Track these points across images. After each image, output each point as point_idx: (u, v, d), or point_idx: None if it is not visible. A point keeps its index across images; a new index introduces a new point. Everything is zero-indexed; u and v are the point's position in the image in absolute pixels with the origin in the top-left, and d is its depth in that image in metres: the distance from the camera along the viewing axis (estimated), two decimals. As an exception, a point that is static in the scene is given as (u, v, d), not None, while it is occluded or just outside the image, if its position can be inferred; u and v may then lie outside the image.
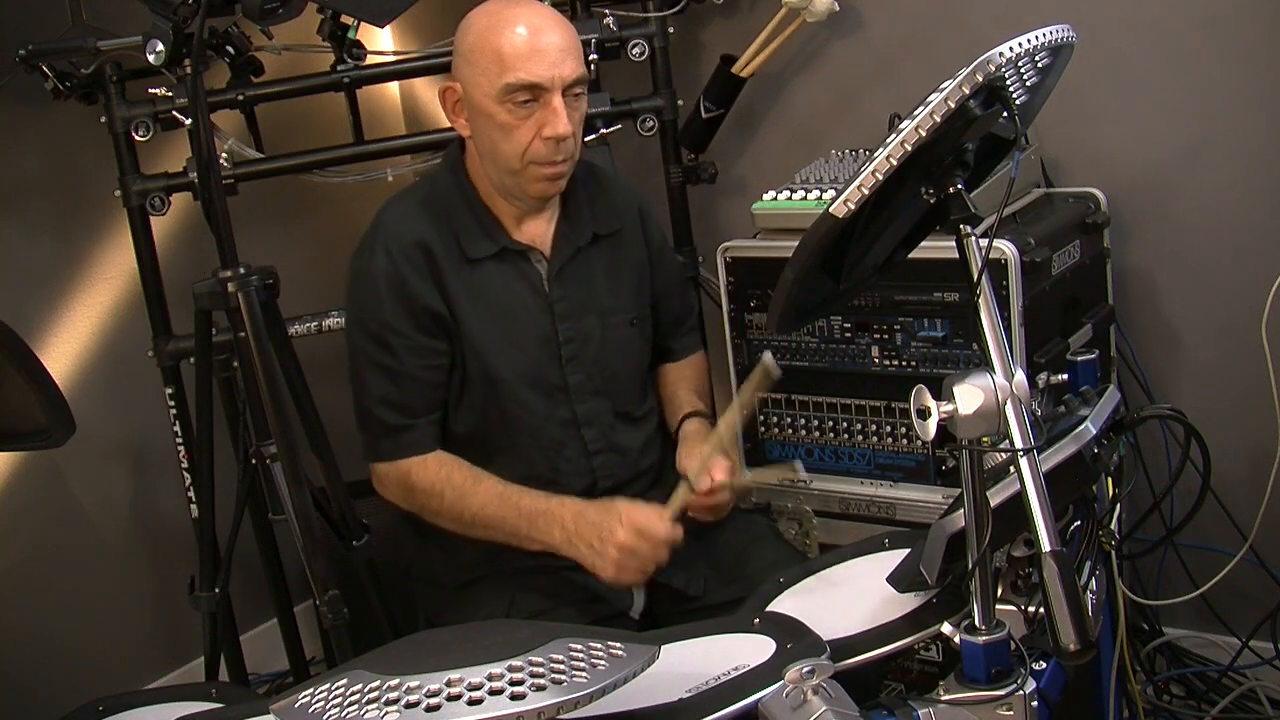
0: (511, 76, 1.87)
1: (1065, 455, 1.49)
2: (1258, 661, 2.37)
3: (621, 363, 2.08)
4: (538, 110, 1.89)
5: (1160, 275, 2.43)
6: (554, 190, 1.98)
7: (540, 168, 1.92)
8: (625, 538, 1.82)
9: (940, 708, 1.33)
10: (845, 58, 2.68)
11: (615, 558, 1.83)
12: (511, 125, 1.90)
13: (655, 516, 1.84)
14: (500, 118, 1.90)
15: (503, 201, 2.01)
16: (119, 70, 2.43)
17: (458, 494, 1.97)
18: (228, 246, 2.02)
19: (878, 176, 1.26)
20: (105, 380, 2.73)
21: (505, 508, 1.94)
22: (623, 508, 1.86)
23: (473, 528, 1.97)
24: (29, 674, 2.58)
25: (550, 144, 1.90)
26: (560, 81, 1.88)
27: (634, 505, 1.87)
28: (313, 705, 1.14)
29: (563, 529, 1.90)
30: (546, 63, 1.87)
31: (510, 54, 1.87)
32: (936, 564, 1.42)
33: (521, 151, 1.91)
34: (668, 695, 1.32)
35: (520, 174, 1.93)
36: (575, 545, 1.88)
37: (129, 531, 2.80)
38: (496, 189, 2.00)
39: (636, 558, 1.84)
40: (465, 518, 1.97)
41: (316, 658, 2.67)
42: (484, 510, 1.95)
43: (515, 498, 1.94)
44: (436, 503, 1.99)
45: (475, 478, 1.97)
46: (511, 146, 1.91)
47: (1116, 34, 2.35)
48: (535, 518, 1.92)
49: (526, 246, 2.01)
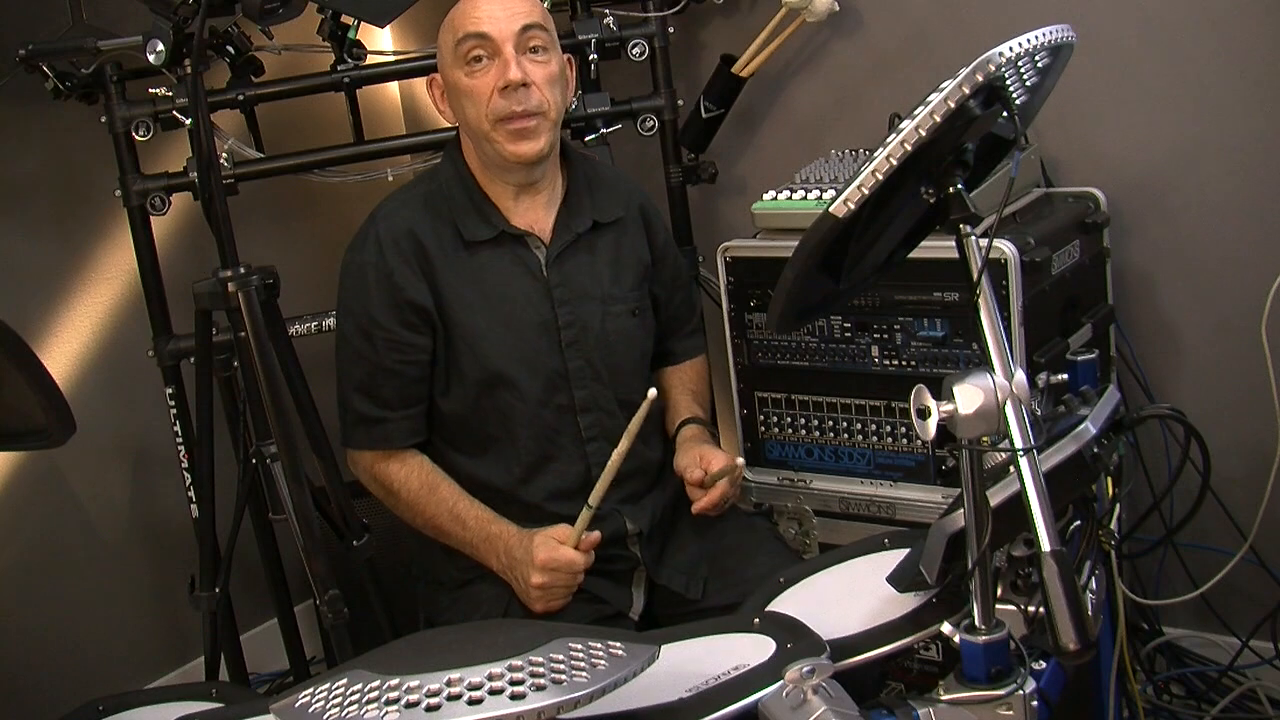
0: (460, 31, 1.93)
1: (1065, 455, 1.49)
2: (1258, 661, 2.37)
3: (623, 351, 2.08)
4: (493, 66, 1.92)
5: (1160, 275, 2.43)
6: (529, 149, 1.94)
7: (505, 124, 1.93)
8: (538, 579, 1.89)
9: (940, 707, 1.33)
10: (845, 58, 2.68)
11: (536, 595, 1.91)
12: (473, 88, 1.93)
13: (563, 549, 1.89)
14: (463, 83, 1.94)
15: (497, 183, 2.02)
16: (119, 70, 2.43)
17: (412, 498, 2.03)
18: (228, 246, 2.02)
19: (878, 176, 1.26)
20: (105, 380, 2.72)
21: (454, 523, 2.01)
22: (536, 550, 1.90)
23: (425, 530, 2.04)
24: (29, 674, 2.58)
25: (508, 95, 1.91)
26: (510, 33, 1.92)
27: (543, 541, 1.91)
28: (313, 705, 1.14)
29: (499, 560, 1.97)
30: (492, 17, 1.92)
31: (460, 14, 1.95)
32: (936, 564, 1.42)
33: (484, 111, 1.93)
34: (668, 695, 1.32)
35: (491, 136, 1.95)
36: (510, 575, 1.96)
37: (129, 531, 2.80)
38: (486, 167, 2.02)
39: (555, 589, 1.91)
40: (418, 521, 2.04)
41: (316, 658, 2.67)
42: (435, 520, 2.02)
43: (464, 516, 2.00)
44: (393, 501, 2.06)
45: (431, 486, 2.02)
46: (476, 109, 1.94)
47: (1116, 34, 2.35)
48: (478, 543, 1.99)
49: (525, 232, 2.02)
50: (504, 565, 1.96)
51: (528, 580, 1.90)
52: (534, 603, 1.91)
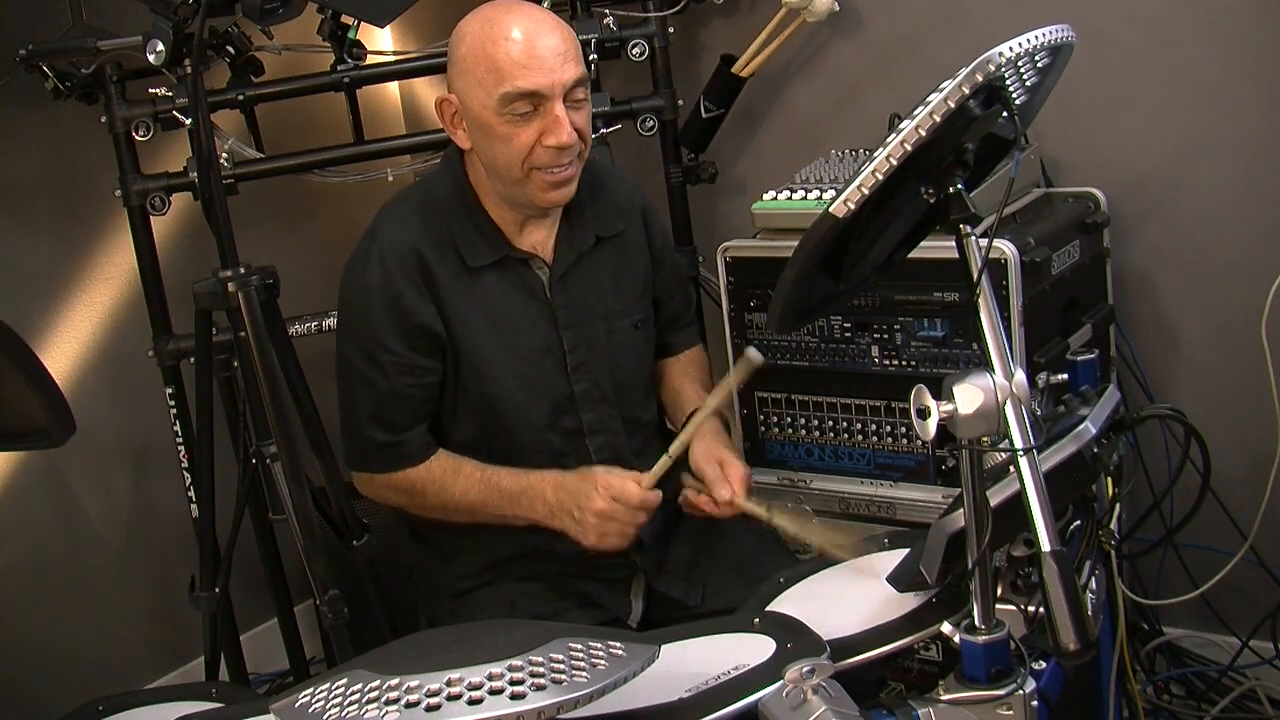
0: (509, 86, 1.81)
1: (1065, 455, 1.49)
2: (1258, 661, 2.37)
3: (627, 367, 2.07)
4: (537, 119, 1.84)
5: (1160, 275, 2.43)
6: (562, 198, 1.92)
7: (544, 174, 1.87)
8: (602, 504, 1.85)
9: (940, 707, 1.33)
10: (845, 58, 2.68)
11: (594, 524, 1.86)
12: (512, 135, 1.84)
13: (630, 481, 1.87)
14: (500, 129, 1.84)
15: (505, 209, 1.96)
16: (119, 70, 2.43)
17: (439, 486, 1.97)
18: (228, 246, 2.02)
19: (878, 176, 1.27)
20: (105, 380, 2.73)
21: (487, 491, 1.95)
22: (599, 475, 1.88)
23: (456, 515, 1.98)
24: (29, 674, 2.58)
25: (552, 152, 1.85)
26: (560, 88, 1.83)
27: (611, 472, 1.89)
28: (313, 705, 1.14)
29: (544, 503, 1.91)
30: (545, 69, 1.81)
31: (505, 63, 1.81)
32: (936, 564, 1.42)
33: (522, 159, 1.85)
34: (668, 695, 1.32)
35: (524, 182, 1.88)
36: (558, 516, 1.90)
37: (129, 531, 2.80)
38: (501, 198, 1.95)
39: (615, 522, 1.87)
40: (449, 507, 1.98)
41: (316, 658, 2.67)
42: (466, 497, 1.96)
43: (495, 479, 1.95)
44: (419, 500, 2.00)
45: (453, 469, 1.97)
46: (512, 155, 1.85)
47: (1116, 34, 2.35)
48: (518, 496, 1.93)
49: (528, 254, 1.97)
50: (551, 505, 1.90)
51: (588, 506, 1.85)
52: (589, 532, 1.86)
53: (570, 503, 1.89)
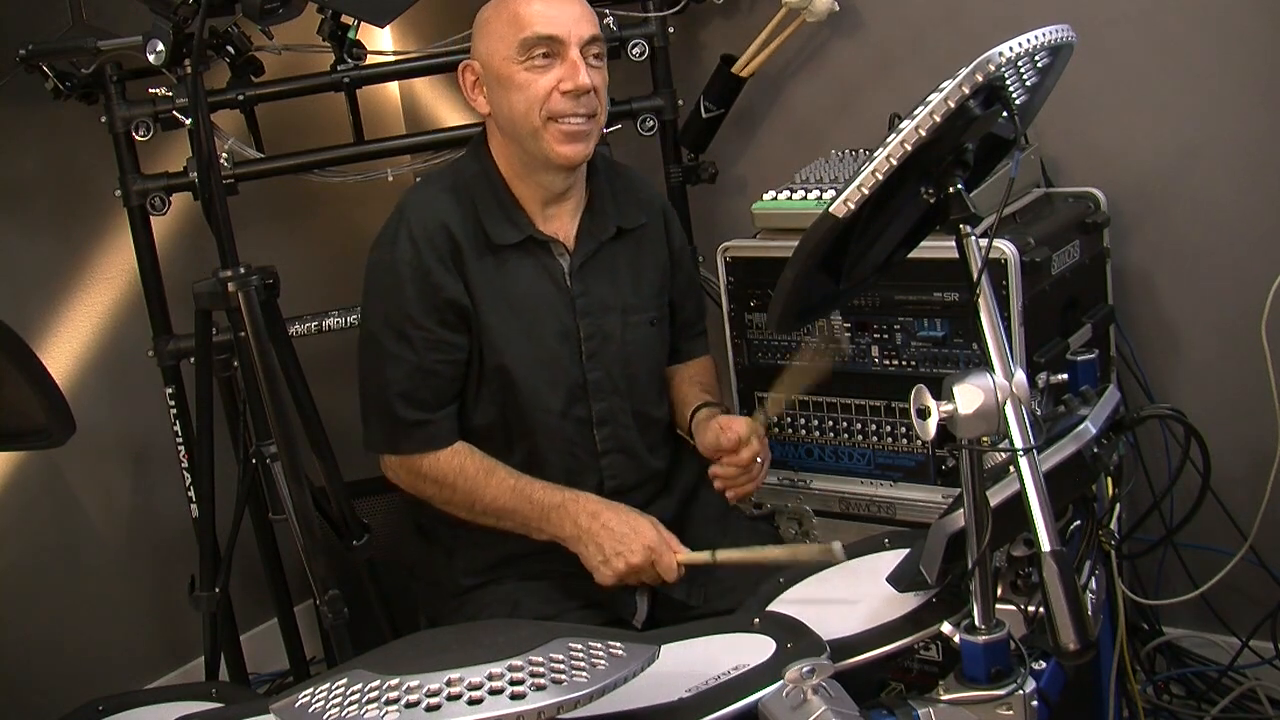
0: (529, 31, 1.89)
1: (1065, 455, 1.49)
2: (1258, 661, 2.37)
3: (641, 362, 2.08)
4: (555, 66, 1.90)
5: (1160, 275, 2.43)
6: (576, 154, 1.94)
7: (560, 124, 1.91)
8: (640, 560, 1.86)
9: (940, 707, 1.33)
10: (845, 58, 2.68)
11: (622, 572, 1.87)
12: (530, 81, 1.90)
13: (674, 556, 1.87)
14: (519, 77, 1.91)
15: (527, 185, 1.99)
16: (119, 70, 2.43)
17: (471, 484, 1.97)
18: (228, 246, 2.02)
19: (878, 176, 1.27)
20: (105, 380, 2.72)
21: (518, 500, 1.95)
22: (647, 530, 1.88)
23: (483, 516, 1.98)
24: (29, 674, 2.58)
25: (570, 98, 1.90)
26: (578, 38, 1.90)
27: (658, 527, 1.89)
28: (313, 705, 1.14)
29: (575, 525, 1.91)
30: (564, 18, 1.90)
31: (526, 13, 1.90)
32: (936, 564, 1.42)
33: (540, 105, 1.90)
34: (668, 695, 1.32)
35: (541, 133, 1.92)
36: (585, 544, 1.90)
37: (129, 531, 2.80)
38: (520, 166, 1.98)
39: (637, 577, 1.88)
40: (477, 508, 1.98)
41: (316, 658, 2.67)
42: (496, 502, 1.96)
43: (528, 490, 1.95)
44: (448, 494, 1.99)
45: (489, 469, 1.97)
46: (530, 101, 1.90)
47: (1116, 34, 2.35)
48: (549, 511, 1.93)
49: (550, 238, 2.00)
50: (583, 531, 1.90)
51: (627, 555, 1.85)
52: (611, 575, 1.87)
53: (609, 542, 1.88)
